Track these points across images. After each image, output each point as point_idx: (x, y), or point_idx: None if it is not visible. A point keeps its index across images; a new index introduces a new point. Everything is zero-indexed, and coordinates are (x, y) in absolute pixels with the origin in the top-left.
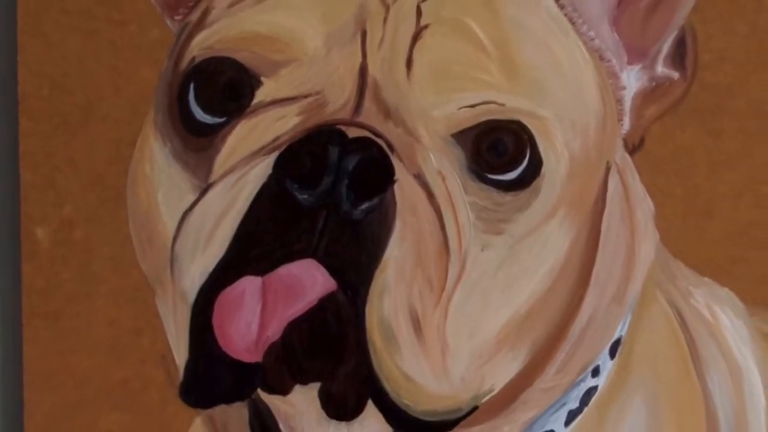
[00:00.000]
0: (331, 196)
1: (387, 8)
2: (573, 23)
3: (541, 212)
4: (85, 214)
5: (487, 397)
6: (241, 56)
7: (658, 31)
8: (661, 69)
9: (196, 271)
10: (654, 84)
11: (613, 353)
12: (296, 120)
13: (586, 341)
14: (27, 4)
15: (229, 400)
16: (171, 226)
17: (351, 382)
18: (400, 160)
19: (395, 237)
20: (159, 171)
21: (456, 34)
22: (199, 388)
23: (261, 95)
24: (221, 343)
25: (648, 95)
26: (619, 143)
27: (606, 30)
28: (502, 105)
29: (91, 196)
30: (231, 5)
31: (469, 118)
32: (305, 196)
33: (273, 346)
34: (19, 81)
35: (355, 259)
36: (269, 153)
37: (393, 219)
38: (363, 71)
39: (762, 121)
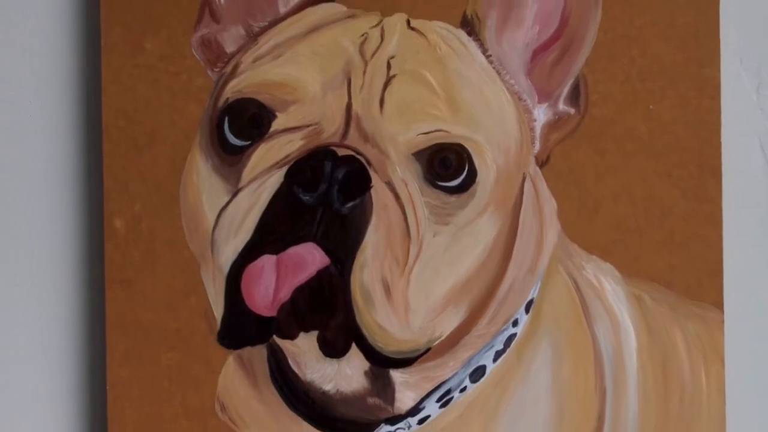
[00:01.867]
0: (326, 197)
1: (366, 63)
2: (499, 73)
3: (476, 209)
4: (149, 210)
5: (438, 342)
6: (261, 97)
7: (559, 79)
8: (561, 106)
9: (229, 251)
10: (557, 117)
11: (527, 309)
12: (301, 143)
13: (508, 301)
14: (109, 60)
15: (253, 343)
16: (211, 218)
17: (340, 330)
18: (375, 171)
19: (372, 226)
20: (202, 179)
21: (415, 81)
22: (232, 335)
23: (275, 125)
24: (247, 302)
25: (552, 125)
26: (532, 159)
27: (522, 78)
28: (448, 132)
29: (154, 197)
30: (254, 61)
31: (424, 142)
32: (307, 197)
33: (284, 304)
34: (102, 115)
35: (343, 242)
36: (281, 167)
37: (370, 214)
38: (349, 108)
39: (634, 144)
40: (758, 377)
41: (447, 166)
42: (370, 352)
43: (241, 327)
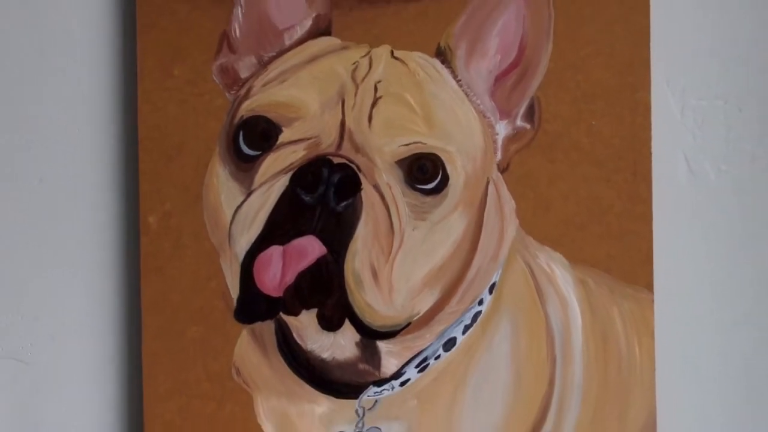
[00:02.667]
0: (324, 198)
1: (357, 87)
2: (467, 95)
3: (448, 208)
4: (178, 209)
5: (416, 318)
6: (270, 115)
7: (517, 100)
8: (519, 122)
9: (244, 242)
10: (515, 131)
11: (491, 291)
12: (303, 153)
13: (475, 284)
14: (144, 85)
15: (263, 319)
16: (229, 215)
17: (335, 308)
18: (365, 176)
19: (362, 222)
20: (221, 183)
21: (398, 102)
22: (245, 312)
23: (282, 138)
24: (258, 285)
25: (511, 138)
26: (494, 166)
27: (487, 99)
28: (425, 144)
29: (181, 198)
30: (264, 85)
31: (405, 152)
32: (308, 198)
33: (289, 287)
34: (138, 130)
35: (338, 235)
36: (287, 172)
37: (360, 211)
38: (342, 124)
39: (579, 154)
40: (682, 348)
41: (424, 172)
42: (360, 327)
43: (254, 306)
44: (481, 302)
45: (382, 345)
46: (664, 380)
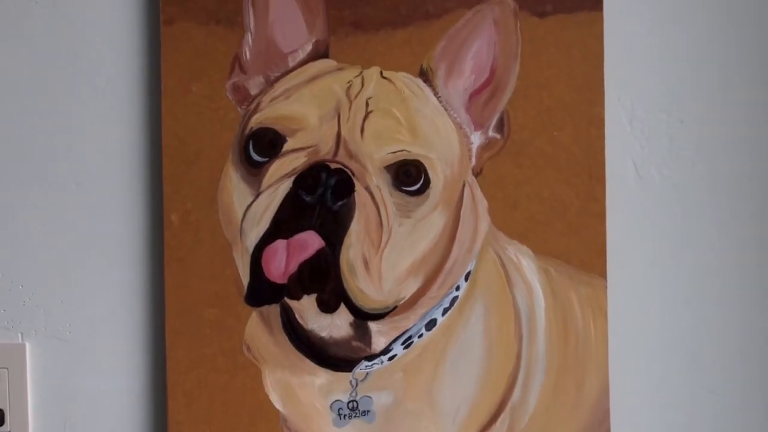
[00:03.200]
0: (322, 198)
1: (350, 102)
2: (446, 110)
3: (430, 207)
4: (196, 208)
5: (402, 301)
6: (276, 127)
7: (489, 114)
8: (491, 133)
9: (253, 236)
10: (487, 141)
11: (466, 278)
12: (304, 159)
13: (453, 272)
14: (167, 100)
15: (270, 302)
16: (240, 213)
17: (332, 293)
18: (357, 180)
19: (355, 219)
20: (234, 185)
21: (386, 116)
22: (255, 297)
23: (286, 147)
24: (266, 273)
25: (484, 147)
26: (470, 171)
27: (463, 113)
28: (410, 152)
29: (199, 198)
30: (271, 101)
31: (392, 158)
32: (309, 198)
33: (292, 275)
34: (162, 139)
35: (334, 230)
36: (290, 176)
37: (354, 210)
38: (338, 134)
39: (543, 160)
40: (631, 327)
41: (409, 176)
42: (353, 309)
43: (261, 291)
44: (458, 288)
45: (372, 325)
46: (615, 354)
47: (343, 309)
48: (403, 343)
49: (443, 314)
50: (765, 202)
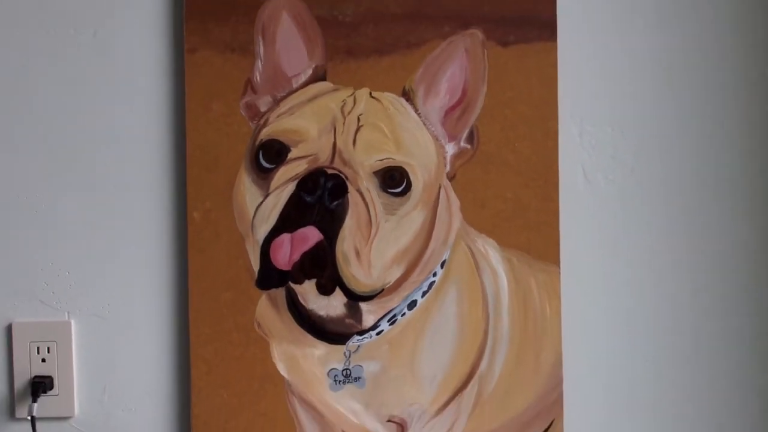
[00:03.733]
0: (321, 199)
1: (344, 118)
2: (425, 124)
3: (411, 206)
4: (215, 206)
5: (388, 286)
6: (282, 138)
7: (461, 128)
8: (462, 144)
9: (263, 231)
10: (460, 150)
11: (442, 266)
12: (305, 166)
13: (430, 261)
14: (191, 117)
15: (277, 286)
16: (251, 211)
17: (329, 279)
18: (350, 183)
19: (348, 216)
20: (246, 188)
21: (375, 129)
22: (264, 282)
23: (290, 155)
24: (273, 262)
25: (457, 155)
26: (445, 176)
27: (439, 127)
28: (394, 159)
29: (218, 198)
30: (277, 117)
31: (380, 165)
32: (309, 199)
33: (296, 263)
34: (187, 149)
35: (331, 226)
36: (294, 180)
37: (347, 208)
38: (334, 145)
39: (506, 167)
40: (581, 307)
41: (393, 180)
42: (347, 292)
43: (270, 277)
44: (435, 274)
45: (363, 305)
46: (567, 330)
47: (338, 292)
48: (388, 321)
49: (422, 296)
50: (691, 200)
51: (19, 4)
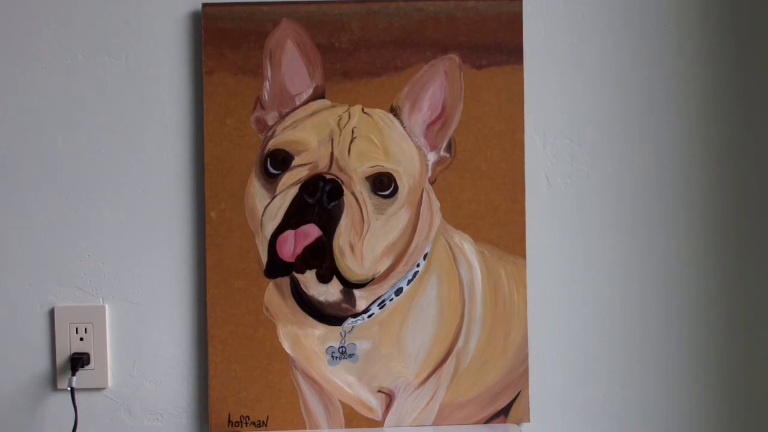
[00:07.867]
0: (320, 200)
1: (340, 131)
2: (410, 136)
3: (398, 206)
4: (230, 207)
5: (378, 275)
6: (287, 148)
7: (441, 139)
8: (442, 153)
9: (270, 227)
10: (440, 158)
11: (425, 258)
12: (307, 172)
13: (414, 254)
14: (208, 130)
15: (282, 276)
16: (261, 211)
17: (327, 269)
18: (345, 187)
19: (344, 215)
20: (256, 191)
21: (366, 141)
22: (271, 272)
23: (294, 163)
24: (279, 255)
25: (437, 163)
26: (427, 181)
27: (422, 139)
28: (384, 166)
29: (232, 200)
30: (283, 129)
31: (371, 171)
32: (310, 200)
33: (299, 256)
34: (205, 158)
35: (329, 223)
36: (297, 184)
37: (343, 208)
38: (332, 154)
39: (479, 173)
40: (543, 294)
41: (383, 184)
42: (343, 280)
43: (276, 267)
44: (418, 265)
45: (356, 292)
46: (533, 313)
47: (335, 280)
48: (378, 305)
49: (408, 284)
50: (638, 201)
51: (64, 35)
